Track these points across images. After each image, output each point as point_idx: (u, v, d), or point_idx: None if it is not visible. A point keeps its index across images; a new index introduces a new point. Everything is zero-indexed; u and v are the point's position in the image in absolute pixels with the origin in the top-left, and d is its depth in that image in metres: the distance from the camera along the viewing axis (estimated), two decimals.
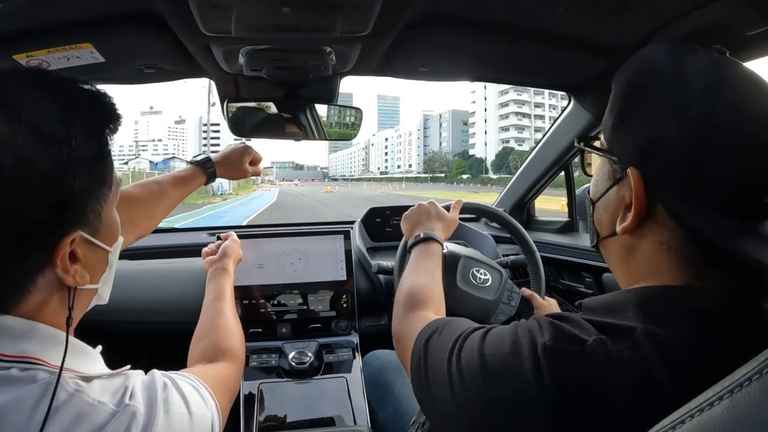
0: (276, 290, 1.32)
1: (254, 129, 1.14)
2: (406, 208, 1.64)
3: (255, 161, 1.09)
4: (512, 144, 78.25)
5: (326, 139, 1.21)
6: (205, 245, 1.60)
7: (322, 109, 1.19)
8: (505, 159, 72.94)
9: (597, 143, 0.54)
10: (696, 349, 0.37)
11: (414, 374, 0.55)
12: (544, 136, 1.45)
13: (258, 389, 1.17)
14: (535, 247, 1.16)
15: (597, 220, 0.53)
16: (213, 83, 1.15)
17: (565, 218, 1.54)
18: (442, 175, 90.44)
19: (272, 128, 1.17)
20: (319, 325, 1.32)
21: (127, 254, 1.55)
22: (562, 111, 1.37)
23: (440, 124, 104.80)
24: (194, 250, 1.58)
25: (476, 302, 1.07)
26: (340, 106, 1.21)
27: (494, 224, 1.52)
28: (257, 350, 1.26)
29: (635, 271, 0.47)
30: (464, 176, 79.80)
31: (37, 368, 0.41)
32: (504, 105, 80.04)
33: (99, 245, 0.47)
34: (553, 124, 1.40)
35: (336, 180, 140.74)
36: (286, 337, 1.30)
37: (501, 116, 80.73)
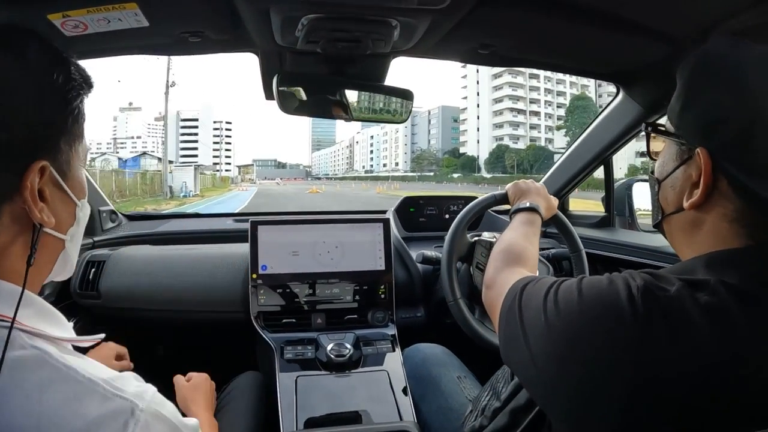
0: (311, 279, 1.25)
1: (301, 106, 1.06)
2: (441, 197, 1.63)
3: (120, 356, 1.04)
4: (507, 141, 71.16)
5: (373, 121, 1.14)
6: (231, 231, 1.52)
7: (369, 90, 1.12)
8: (501, 157, 67.47)
9: (662, 128, 0.58)
10: (759, 291, 0.44)
11: (503, 317, 0.58)
12: (586, 128, 1.41)
13: (295, 382, 1.10)
14: (582, 246, 1.12)
15: (663, 197, 0.57)
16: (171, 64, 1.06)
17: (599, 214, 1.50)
18: (431, 173, 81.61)
19: (318, 106, 1.09)
20: (355, 315, 1.26)
21: (151, 239, 1.47)
22: (608, 104, 1.32)
23: (429, 121, 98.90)
24: (218, 236, 1.50)
25: None
26: (389, 87, 1.14)
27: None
28: (291, 341, 1.19)
29: (699, 242, 0.51)
30: (455, 175, 71.04)
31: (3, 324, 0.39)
32: (498, 101, 72.98)
33: (67, 192, 0.47)
34: (597, 117, 1.36)
35: (319, 179, 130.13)
36: (321, 328, 1.24)
37: (495, 112, 72.33)
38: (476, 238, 1.13)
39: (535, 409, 0.70)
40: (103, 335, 0.53)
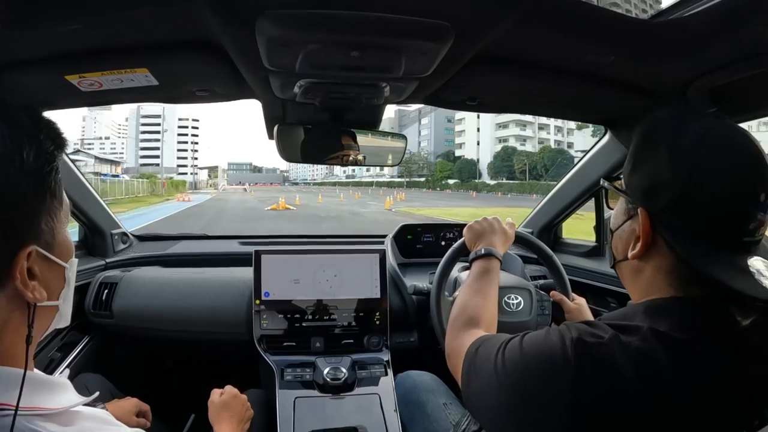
0: (311, 305, 1.31)
1: (301, 154, 1.11)
2: (438, 225, 1.67)
3: (143, 414, 1.04)
4: (512, 143, 60.31)
5: (369, 165, 1.18)
6: (236, 254, 1.59)
7: (366, 136, 1.15)
8: (507, 161, 56.64)
9: (618, 183, 0.63)
10: (685, 338, 0.49)
11: (464, 377, 0.63)
12: (577, 162, 1.43)
13: (293, 403, 1.16)
14: (560, 265, 1.14)
15: (614, 246, 0.63)
16: None
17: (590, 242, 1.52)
18: (422, 179, 70.84)
19: (318, 154, 1.13)
20: (351, 340, 1.32)
21: (160, 260, 1.54)
22: (598, 141, 1.34)
23: (419, 121, 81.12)
24: (224, 259, 1.56)
25: (516, 328, 1.06)
26: (384, 132, 1.17)
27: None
28: (291, 364, 1.25)
29: (641, 288, 0.58)
30: (450, 181, 60.67)
31: (6, 413, 0.39)
32: None
33: (55, 261, 0.46)
34: (587, 153, 1.38)
35: (297, 184, 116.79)
36: (319, 351, 1.30)
37: None
38: (457, 295, 1.15)
39: None
40: (97, 393, 0.55)
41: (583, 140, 46.31)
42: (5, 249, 0.41)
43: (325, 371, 1.21)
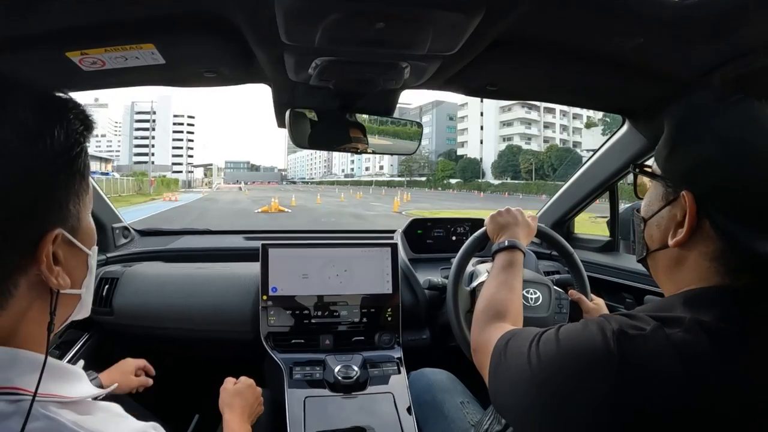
0: (320, 301, 1.26)
1: (312, 141, 1.06)
2: (449, 220, 1.63)
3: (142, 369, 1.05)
4: (516, 141, 55.96)
5: (382, 153, 1.13)
6: (240, 250, 1.52)
7: (379, 122, 1.11)
8: (512, 160, 53.06)
9: (649, 170, 0.60)
10: (731, 329, 0.46)
11: (492, 372, 0.60)
12: (593, 155, 1.39)
13: (303, 402, 1.10)
14: (572, 251, 1.11)
15: (648, 235, 0.59)
16: None
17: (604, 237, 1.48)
18: (423, 179, 68.41)
19: (329, 140, 1.09)
20: (362, 338, 1.26)
21: (162, 256, 1.47)
22: (614, 132, 1.31)
23: (420, 119, 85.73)
24: (228, 254, 1.50)
25: (532, 323, 1.02)
26: (398, 119, 1.13)
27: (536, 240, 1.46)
28: (300, 362, 1.19)
29: (680, 278, 0.54)
30: (452, 180, 58.26)
31: (23, 398, 0.37)
32: None
33: (79, 247, 0.44)
34: (603, 145, 1.34)
35: (294, 183, 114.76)
36: (329, 349, 1.24)
37: (503, 108, 56.95)
38: (475, 285, 1.10)
39: None
40: (115, 385, 0.52)
41: (591, 139, 43.21)
42: (33, 230, 0.39)
43: (336, 369, 1.16)
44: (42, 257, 0.40)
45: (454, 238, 1.58)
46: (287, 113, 1.01)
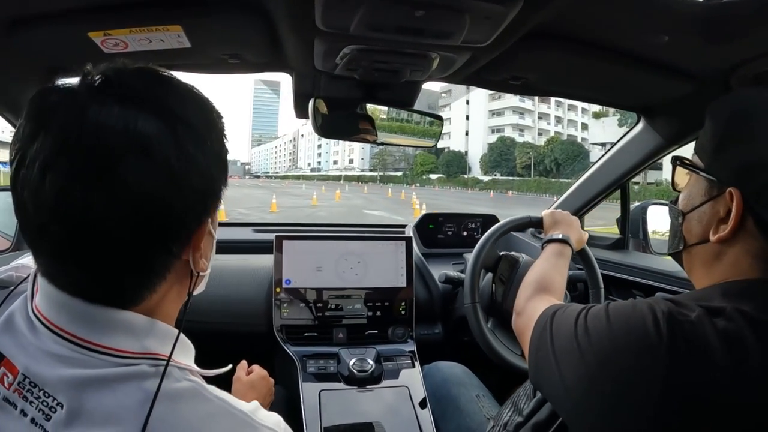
0: (334, 294, 1.24)
1: (334, 130, 1.04)
2: (461, 215, 1.62)
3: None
4: (509, 133, 48.04)
5: (401, 145, 1.12)
6: (250, 242, 1.49)
7: (399, 113, 1.10)
8: (506, 153, 45.61)
9: (688, 162, 0.60)
10: None
11: (534, 342, 0.61)
12: (606, 153, 1.39)
13: (319, 395, 1.09)
14: (602, 285, 1.11)
15: (687, 229, 0.58)
16: None
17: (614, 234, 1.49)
18: (399, 173, 58.87)
19: (350, 130, 1.07)
20: (375, 331, 1.25)
21: None
22: (628, 131, 1.31)
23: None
24: (239, 247, 1.47)
25: None
26: (419, 111, 1.12)
27: (540, 235, 1.47)
28: (314, 355, 1.18)
29: (718, 272, 0.54)
30: (432, 176, 50.74)
31: (162, 362, 0.40)
32: None
33: (213, 233, 0.47)
34: (617, 142, 1.34)
35: (258, 177, 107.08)
36: (342, 342, 1.23)
37: (492, 96, 47.77)
38: (503, 253, 1.13)
39: (556, 422, 0.70)
40: (230, 366, 0.53)
41: (602, 132, 37.13)
42: (195, 220, 0.42)
43: (351, 363, 1.14)
44: (199, 245, 0.43)
45: (465, 233, 1.57)
46: (311, 102, 0.99)
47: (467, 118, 52.24)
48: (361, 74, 0.95)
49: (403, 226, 1.60)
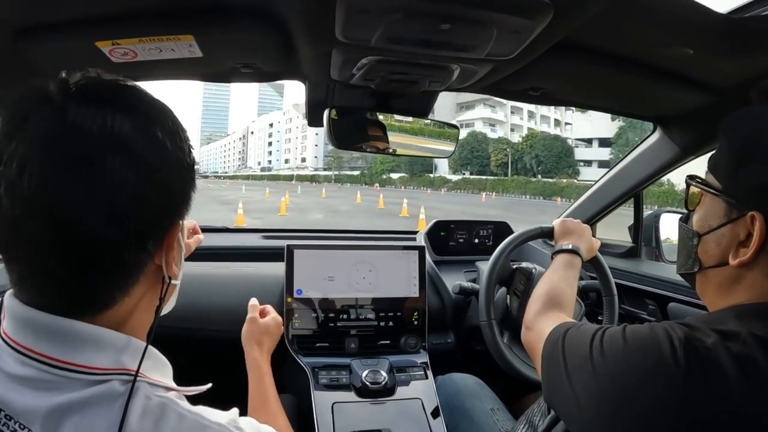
0: (346, 304, 1.21)
1: (349, 140, 1.00)
2: (472, 222, 1.59)
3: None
4: (479, 128, 43.51)
5: (418, 156, 1.08)
6: (259, 249, 1.46)
7: (416, 124, 1.06)
8: (478, 150, 40.91)
9: (701, 181, 0.57)
10: None
11: (545, 359, 0.60)
12: (619, 161, 1.36)
13: (332, 407, 1.06)
14: (615, 291, 1.08)
15: (703, 251, 0.55)
16: None
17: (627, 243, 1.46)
18: (356, 173, 53.09)
19: (364, 140, 1.03)
20: (387, 341, 1.22)
21: None
22: (643, 140, 1.27)
23: None
24: (247, 254, 1.44)
25: None
26: (434, 121, 1.08)
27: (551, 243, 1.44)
28: (326, 366, 1.15)
29: (734, 295, 0.52)
30: (394, 175, 45.22)
31: (138, 381, 0.39)
32: None
33: (183, 241, 0.47)
34: (632, 151, 1.31)
35: (207, 177, 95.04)
36: (354, 353, 1.20)
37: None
38: (516, 266, 1.11)
39: None
40: (210, 385, 0.51)
41: (588, 126, 35.12)
42: (167, 220, 0.42)
43: (364, 374, 1.11)
44: (165, 246, 0.42)
45: (476, 240, 1.54)
46: (326, 113, 0.95)
47: (432, 111, 45.77)
48: (378, 84, 0.91)
49: (414, 233, 1.56)
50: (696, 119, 1.10)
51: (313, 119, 1.08)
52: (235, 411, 0.46)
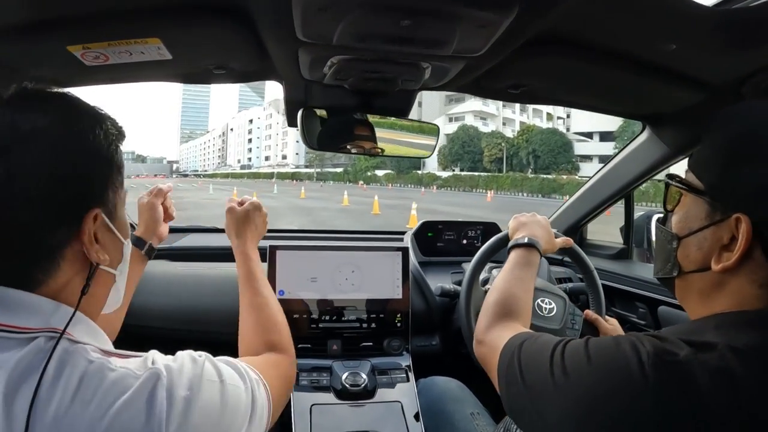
0: (328, 305, 1.19)
1: (324, 142, 0.98)
2: (460, 223, 1.56)
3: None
4: (470, 121, 41.12)
5: (397, 156, 1.06)
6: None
7: (395, 124, 1.03)
8: (470, 145, 38.43)
9: (680, 180, 0.53)
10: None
11: (502, 374, 0.56)
12: (609, 160, 1.32)
13: (310, 409, 1.04)
14: (599, 284, 1.05)
15: (683, 255, 0.52)
16: None
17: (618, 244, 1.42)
18: (339, 170, 49.91)
19: (342, 142, 1.01)
20: (370, 343, 1.20)
21: (167, 254, 1.40)
22: (632, 139, 1.23)
23: None
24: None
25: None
26: (414, 120, 1.05)
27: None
28: (307, 369, 1.13)
29: (716, 302, 0.48)
30: (379, 172, 42.15)
31: (63, 338, 0.42)
32: None
33: (115, 232, 0.50)
34: (621, 151, 1.27)
35: (186, 176, 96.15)
36: (336, 355, 1.18)
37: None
38: (494, 270, 1.07)
39: None
40: (154, 351, 0.51)
41: (587, 119, 33.04)
42: (78, 208, 0.45)
43: (344, 377, 1.09)
44: (85, 230, 0.45)
45: (465, 241, 1.51)
46: (299, 113, 0.94)
47: (419, 104, 39.13)
48: (350, 84, 0.89)
49: (403, 233, 1.54)
50: (686, 117, 1.06)
51: (292, 119, 1.06)
52: (153, 352, 0.47)
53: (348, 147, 1.04)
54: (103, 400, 0.39)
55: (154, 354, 0.46)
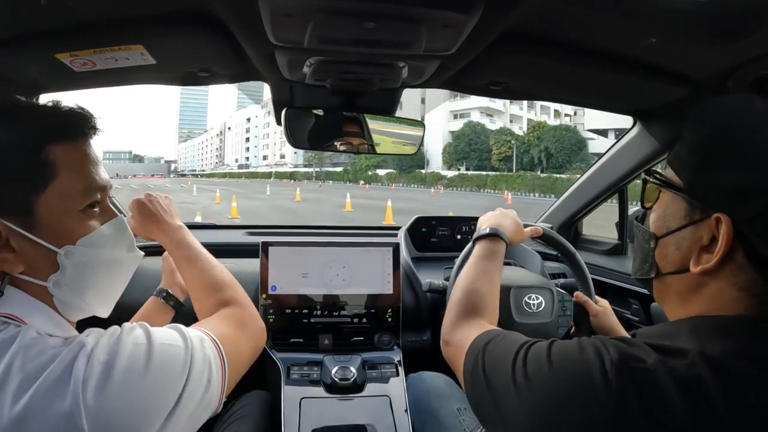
0: (319, 300, 1.21)
1: (311, 141, 0.99)
2: (454, 219, 1.55)
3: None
4: (476, 118, 38.63)
5: (384, 154, 1.06)
6: (242, 245, 1.47)
7: (380, 121, 1.04)
8: (477, 142, 36.31)
9: (659, 177, 0.51)
10: (746, 365, 0.39)
11: (468, 379, 0.55)
12: (602, 156, 1.29)
13: (299, 403, 1.07)
14: (583, 265, 1.03)
15: (661, 255, 0.50)
16: None
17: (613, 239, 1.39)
18: (338, 169, 46.73)
19: (328, 141, 1.02)
20: (361, 338, 1.22)
21: (163, 251, 1.43)
22: (624, 133, 1.21)
23: None
24: (231, 250, 1.46)
25: (536, 329, 0.95)
26: (400, 118, 1.05)
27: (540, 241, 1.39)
28: (298, 362, 1.15)
29: (694, 305, 0.46)
30: (381, 172, 39.28)
31: (11, 323, 0.45)
32: None
33: (37, 241, 0.47)
34: (613, 146, 1.25)
35: (184, 175, 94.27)
36: (327, 349, 1.20)
37: None
38: None
39: None
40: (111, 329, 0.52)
41: (602, 115, 25.41)
42: (28, 195, 0.45)
43: (334, 371, 1.11)
44: (48, 222, 0.46)
45: (458, 237, 1.51)
46: (283, 112, 0.95)
47: (423, 101, 38.50)
48: (331, 84, 0.90)
49: (397, 228, 1.54)
50: (674, 112, 1.03)
51: (280, 119, 1.08)
52: (92, 329, 0.47)
53: (336, 144, 1.04)
54: (31, 373, 0.41)
55: (92, 330, 0.47)
